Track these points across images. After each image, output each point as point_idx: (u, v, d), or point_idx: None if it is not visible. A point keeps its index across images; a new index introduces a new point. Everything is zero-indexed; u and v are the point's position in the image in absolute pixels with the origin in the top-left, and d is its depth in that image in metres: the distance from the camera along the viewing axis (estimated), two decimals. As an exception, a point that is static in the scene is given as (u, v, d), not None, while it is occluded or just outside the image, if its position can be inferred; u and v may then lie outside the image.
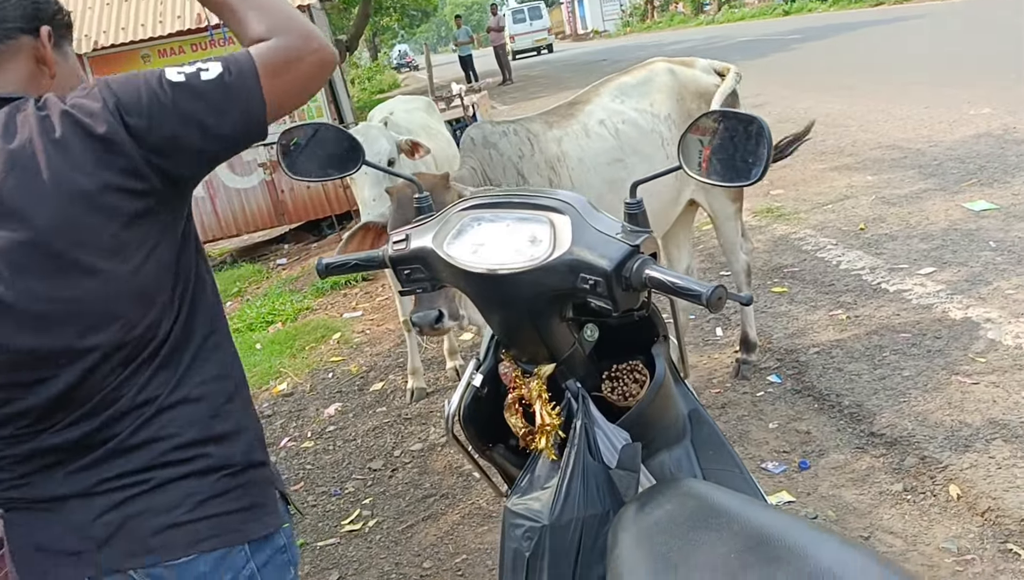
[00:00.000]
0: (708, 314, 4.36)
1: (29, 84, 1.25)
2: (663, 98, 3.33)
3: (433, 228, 1.62)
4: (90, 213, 1.14)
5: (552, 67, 23.62)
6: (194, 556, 1.26)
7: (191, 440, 1.26)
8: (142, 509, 1.24)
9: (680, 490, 1.40)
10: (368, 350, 4.94)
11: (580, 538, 1.44)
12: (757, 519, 1.27)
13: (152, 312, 1.22)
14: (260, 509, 1.34)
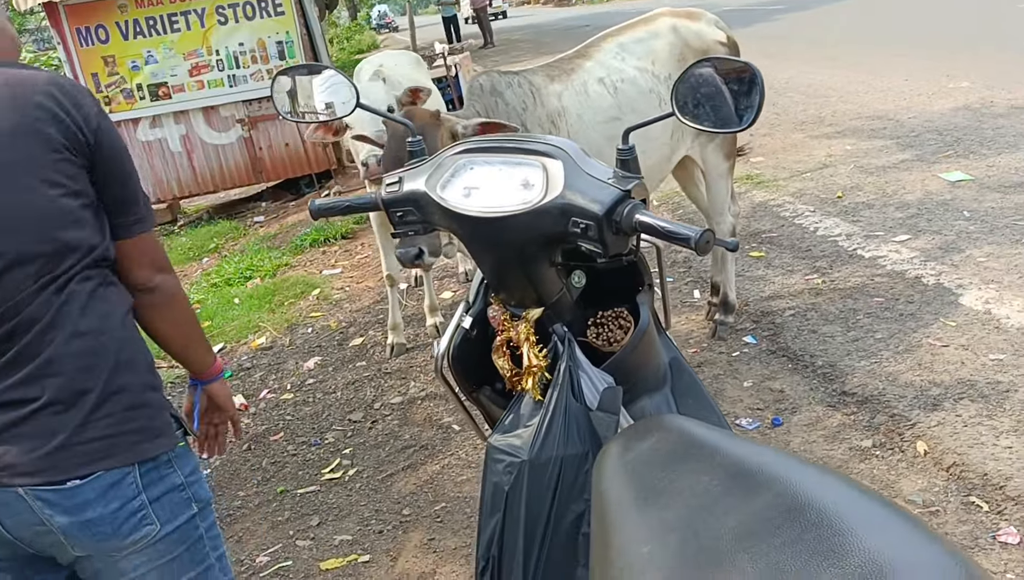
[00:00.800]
0: (687, 277, 4.42)
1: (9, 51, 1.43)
2: (664, 57, 3.34)
3: (426, 171, 1.64)
4: None
5: (534, 31, 23.46)
6: (80, 481, 1.31)
7: (83, 365, 1.33)
8: (29, 430, 1.28)
9: (662, 425, 1.44)
10: (347, 306, 4.95)
11: (559, 476, 1.48)
12: (739, 450, 1.31)
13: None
14: (153, 433, 1.39)
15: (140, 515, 1.36)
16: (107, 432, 1.33)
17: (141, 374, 1.40)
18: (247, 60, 8.52)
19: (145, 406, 1.39)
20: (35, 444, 1.28)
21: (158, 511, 1.38)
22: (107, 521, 1.34)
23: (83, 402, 1.31)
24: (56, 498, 1.30)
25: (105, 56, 8.27)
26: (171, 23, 8.35)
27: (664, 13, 3.52)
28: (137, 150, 8.36)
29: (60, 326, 1.31)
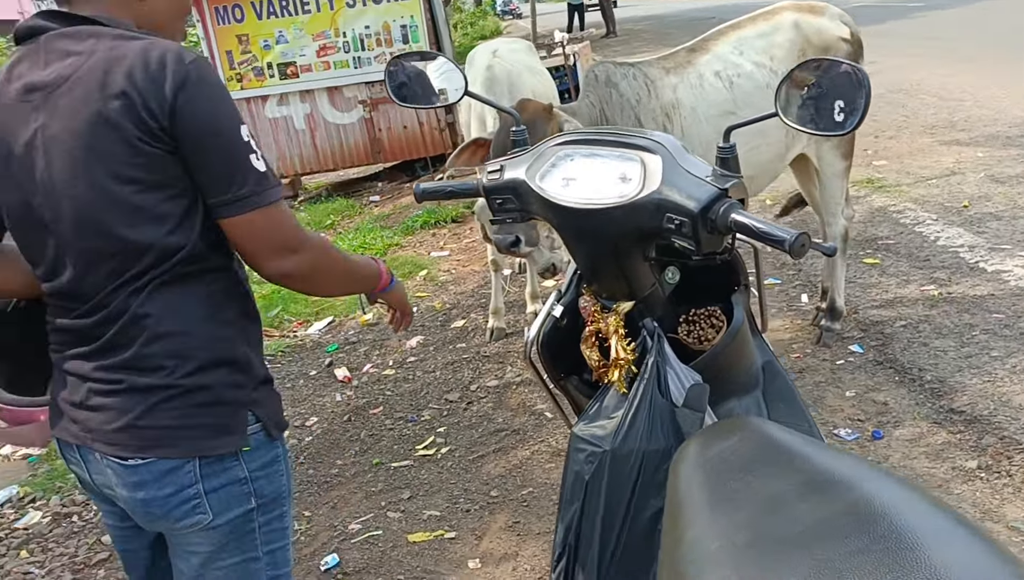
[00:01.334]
0: (795, 279, 4.31)
1: (114, 8, 1.36)
2: (783, 54, 3.28)
3: (527, 160, 1.67)
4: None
5: (659, 22, 23.13)
6: (140, 462, 1.36)
7: (185, 350, 1.36)
8: (109, 405, 1.36)
9: (744, 426, 1.44)
10: (452, 289, 5.05)
11: (640, 469, 1.48)
12: (818, 457, 1.30)
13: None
14: (218, 430, 1.39)
15: (193, 503, 1.38)
16: (170, 423, 1.35)
17: (223, 374, 1.38)
18: (372, 43, 8.74)
19: (219, 404, 1.38)
20: (110, 418, 1.35)
21: (212, 502, 1.39)
22: (159, 503, 1.37)
23: (156, 393, 1.34)
24: (120, 470, 1.37)
25: (239, 35, 8.62)
26: (302, 5, 8.64)
27: (787, 7, 3.44)
28: (264, 126, 8.72)
29: (141, 326, 1.33)
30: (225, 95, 1.32)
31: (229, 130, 1.30)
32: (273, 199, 1.33)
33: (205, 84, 1.28)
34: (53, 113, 1.28)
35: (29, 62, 1.33)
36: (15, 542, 3.09)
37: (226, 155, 1.29)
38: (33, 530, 3.15)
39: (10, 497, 3.41)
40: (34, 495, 3.39)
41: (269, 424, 1.45)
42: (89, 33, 1.31)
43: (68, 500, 3.31)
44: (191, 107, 1.26)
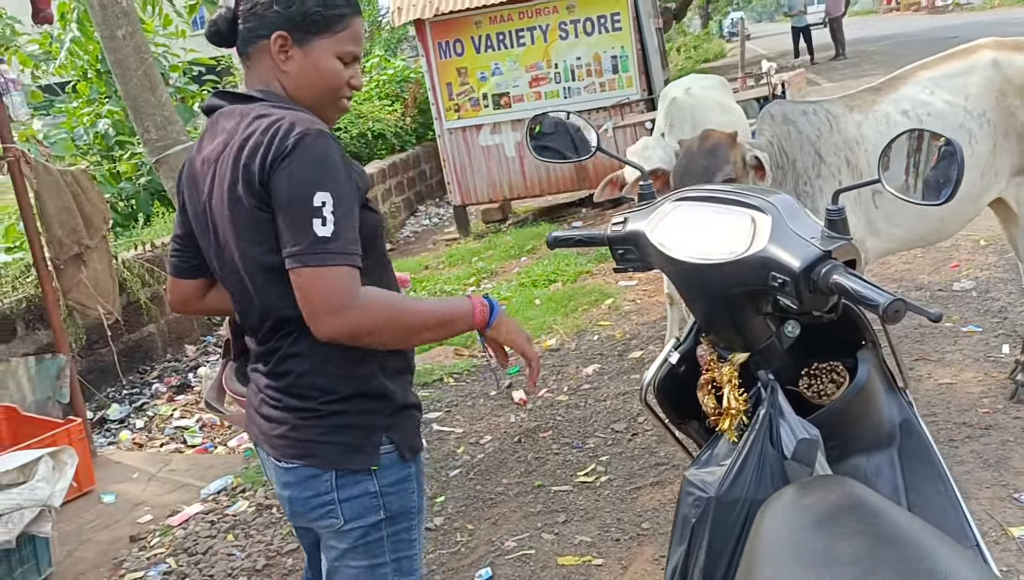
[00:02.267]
0: (999, 329, 4.02)
1: (269, 78, 1.62)
2: (980, 92, 3.13)
3: (648, 213, 1.77)
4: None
5: (893, 42, 21.85)
6: (289, 466, 1.61)
7: (322, 383, 1.59)
8: (273, 416, 1.63)
9: (833, 485, 1.45)
10: (635, 319, 5.14)
11: (746, 519, 1.50)
12: (902, 526, 1.31)
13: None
14: (352, 449, 1.59)
15: (327, 508, 1.59)
16: (313, 437, 1.58)
17: (359, 403, 1.59)
18: (582, 73, 9.00)
19: (354, 427, 1.59)
20: (273, 426, 1.62)
21: (345, 509, 1.59)
22: (300, 503, 1.61)
23: (304, 413, 1.59)
24: (277, 470, 1.64)
25: (459, 67, 9.15)
26: (518, 38, 9.04)
27: (986, 45, 3.27)
28: (477, 153, 9.20)
29: (292, 363, 1.59)
30: (320, 164, 1.45)
31: (304, 195, 1.42)
32: (324, 263, 1.42)
33: (299, 155, 1.44)
34: (213, 184, 1.57)
35: (208, 135, 1.63)
36: (224, 526, 3.53)
37: (294, 215, 1.43)
38: (240, 517, 3.58)
39: (225, 486, 3.88)
40: (244, 486, 3.84)
41: (402, 447, 1.64)
42: (241, 111, 1.57)
43: (271, 493, 3.72)
44: (280, 174, 1.44)
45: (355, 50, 1.65)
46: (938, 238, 3.53)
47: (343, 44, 1.62)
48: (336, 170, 1.47)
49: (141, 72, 4.21)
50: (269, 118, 1.50)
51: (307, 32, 1.58)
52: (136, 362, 5.72)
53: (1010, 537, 2.57)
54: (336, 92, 1.65)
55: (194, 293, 1.81)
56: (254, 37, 1.60)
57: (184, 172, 1.70)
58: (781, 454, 1.58)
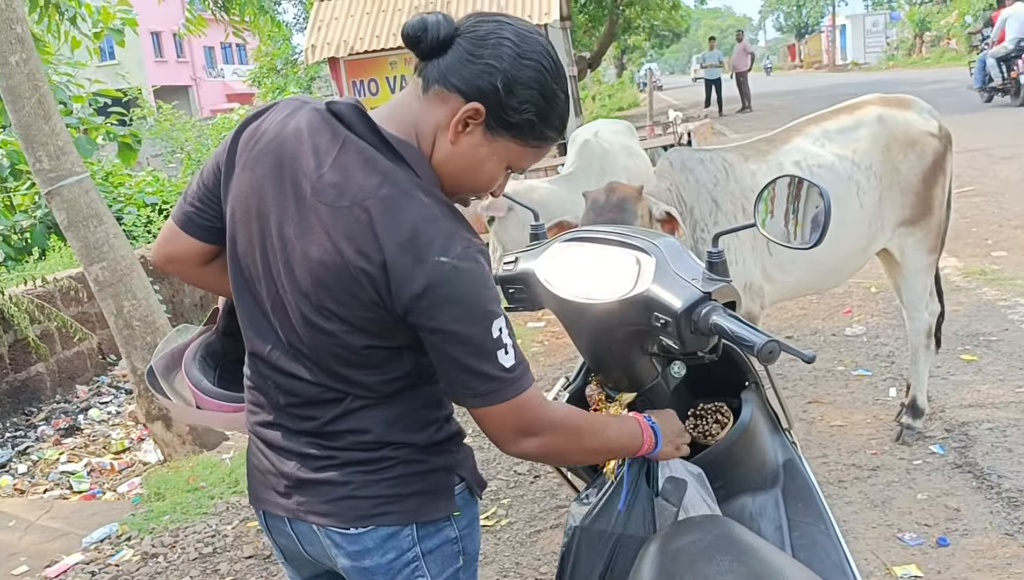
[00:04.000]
0: (887, 373, 4.17)
1: (426, 128, 1.33)
2: (867, 147, 3.27)
3: (539, 253, 1.78)
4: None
5: (797, 98, 22.82)
6: (361, 530, 1.39)
7: (375, 439, 1.39)
8: (324, 479, 1.40)
9: (710, 525, 1.47)
10: (542, 360, 5.15)
11: (612, 553, 1.52)
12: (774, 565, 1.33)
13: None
14: (431, 496, 1.42)
15: (413, 566, 1.41)
16: (385, 491, 1.39)
17: (432, 443, 1.42)
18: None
19: (431, 472, 1.41)
20: (327, 489, 1.40)
21: (430, 564, 1.42)
22: (383, 571, 1.41)
23: (369, 466, 1.39)
24: (341, 540, 1.40)
25: (374, 107, 9.12)
26: (433, 80, 9.11)
27: (872, 101, 3.43)
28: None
29: (352, 422, 1.40)
30: (478, 289, 1.27)
31: (483, 329, 1.26)
32: (520, 392, 1.30)
33: (463, 280, 1.25)
34: (304, 220, 1.30)
35: (328, 148, 1.31)
36: (106, 577, 3.35)
37: (475, 353, 1.27)
38: (123, 567, 3.41)
39: (110, 534, 3.70)
40: (130, 534, 3.67)
41: (472, 482, 1.49)
42: (384, 169, 1.29)
43: (158, 541, 3.56)
44: (442, 301, 1.25)
45: (525, 167, 1.43)
46: (829, 285, 3.66)
47: (524, 157, 1.38)
48: (493, 285, 1.31)
49: (35, 100, 4.06)
50: (422, 212, 1.26)
51: (504, 128, 1.32)
52: (22, 403, 5.45)
53: (893, 576, 2.63)
54: (475, 192, 1.42)
55: (195, 256, 1.51)
56: (451, 84, 1.29)
57: (245, 141, 1.40)
58: (655, 491, 1.59)
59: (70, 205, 4.14)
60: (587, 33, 23.09)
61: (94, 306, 5.62)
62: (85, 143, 7.60)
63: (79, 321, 5.75)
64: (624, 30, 26.59)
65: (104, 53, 7.12)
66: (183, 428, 4.36)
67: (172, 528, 3.63)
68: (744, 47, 21.94)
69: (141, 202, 8.47)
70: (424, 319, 1.26)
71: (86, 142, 7.73)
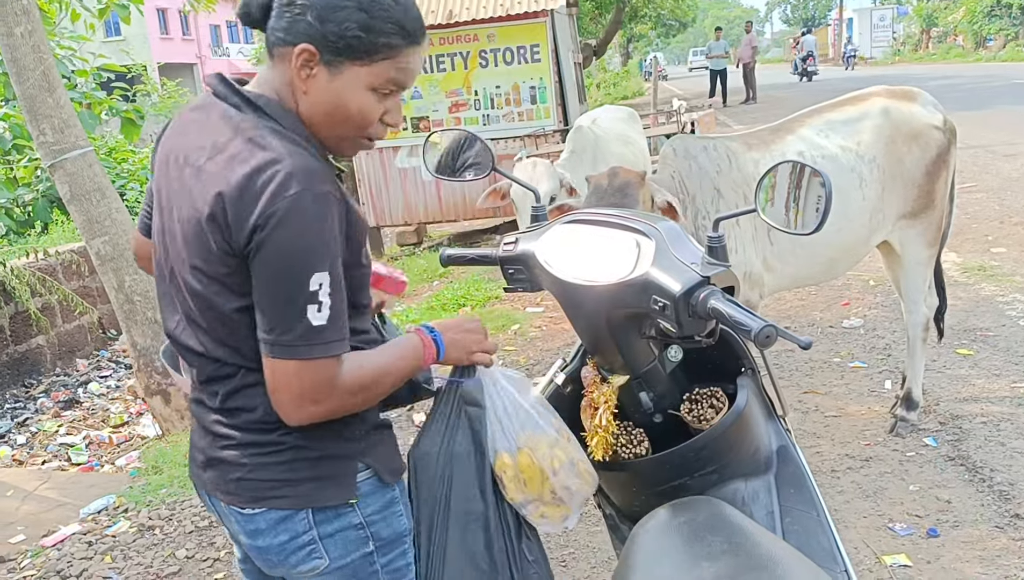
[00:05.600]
0: (883, 365, 4.19)
1: (285, 90, 1.36)
2: (871, 140, 3.27)
3: (539, 235, 1.79)
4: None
5: (802, 91, 22.78)
6: (256, 511, 1.40)
7: (263, 419, 1.38)
8: (225, 458, 1.42)
9: (703, 506, 1.49)
10: (540, 345, 5.17)
11: (448, 470, 1.53)
12: (765, 546, 1.35)
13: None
14: (325, 482, 1.40)
15: (309, 549, 1.40)
16: (278, 476, 1.38)
17: (327, 429, 1.38)
18: (501, 101, 9.08)
19: (326, 458, 1.40)
20: (227, 469, 1.41)
21: (329, 546, 1.41)
22: (275, 551, 1.41)
23: (262, 448, 1.38)
24: (239, 519, 1.42)
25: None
26: (438, 63, 9.07)
27: (878, 92, 3.42)
28: (393, 175, 9.16)
29: (243, 398, 1.40)
30: (318, 237, 1.27)
31: (298, 276, 1.25)
32: (317, 355, 1.28)
33: (295, 223, 1.24)
34: (181, 191, 1.35)
35: (198, 123, 1.38)
36: (102, 547, 3.38)
37: (284, 297, 1.26)
38: (120, 538, 3.44)
39: (107, 505, 3.73)
40: (127, 505, 3.69)
41: (381, 471, 1.45)
42: (238, 123, 1.32)
43: (155, 514, 3.58)
44: (267, 242, 1.25)
45: (399, 80, 1.36)
46: (829, 276, 3.67)
47: (381, 75, 1.34)
48: (334, 242, 1.29)
49: (39, 72, 4.06)
50: (264, 155, 1.27)
51: (339, 55, 1.31)
52: (22, 375, 5.47)
53: (883, 565, 2.66)
54: (360, 129, 1.39)
55: (151, 253, 1.55)
56: (280, 39, 1.33)
57: (160, 143, 1.47)
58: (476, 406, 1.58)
59: (73, 178, 4.15)
60: (593, 20, 23.00)
61: (95, 280, 5.64)
62: (88, 117, 7.58)
63: (80, 295, 5.77)
64: (631, 18, 26.49)
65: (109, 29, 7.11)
66: (182, 403, 4.38)
67: (169, 501, 3.66)
68: (750, 39, 21.86)
69: (144, 178, 8.48)
70: (253, 258, 1.27)
71: (89, 117, 7.71)
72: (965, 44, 34.74)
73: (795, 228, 1.48)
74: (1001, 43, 31.46)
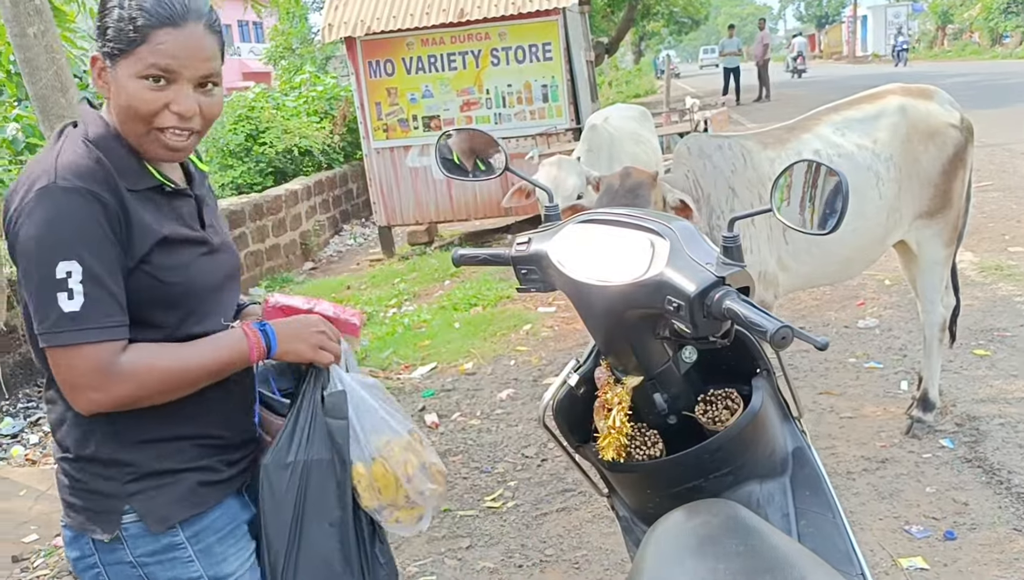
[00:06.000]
0: (899, 366, 4.15)
1: (110, 105, 1.43)
2: (888, 138, 3.23)
3: (552, 234, 1.77)
4: None
5: (815, 88, 22.66)
6: (63, 523, 1.49)
7: (60, 438, 1.46)
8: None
9: (718, 508, 1.47)
10: (552, 345, 5.15)
11: (304, 481, 1.52)
12: (781, 549, 1.33)
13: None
14: (93, 515, 1.43)
15: (95, 571, 1.45)
16: (66, 498, 1.47)
17: (92, 468, 1.43)
18: (513, 100, 9.06)
19: (91, 492, 1.43)
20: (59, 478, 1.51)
21: (111, 574, 1.44)
22: (74, 564, 1.49)
23: (62, 465, 1.47)
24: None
25: (389, 88, 9.12)
26: (449, 62, 9.07)
27: (894, 91, 3.39)
28: (405, 174, 9.16)
29: (50, 410, 1.49)
30: (64, 227, 1.30)
31: (44, 265, 1.29)
32: (71, 342, 1.30)
33: (38, 215, 1.30)
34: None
35: None
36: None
37: (37, 287, 1.31)
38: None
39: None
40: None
41: (148, 519, 1.43)
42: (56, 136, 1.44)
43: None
44: (20, 236, 1.32)
45: (161, 64, 1.35)
46: (845, 276, 3.64)
47: (142, 60, 1.35)
48: (86, 233, 1.31)
49: (52, 72, 4.07)
50: (41, 160, 1.36)
51: (112, 55, 1.36)
52: (34, 374, 5.48)
53: (899, 568, 2.63)
54: (145, 122, 1.38)
55: None
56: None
57: None
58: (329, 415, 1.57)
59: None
60: (605, 18, 22.94)
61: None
62: (101, 117, 7.59)
63: (93, 294, 5.77)
64: (643, 16, 26.40)
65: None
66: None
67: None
68: (763, 36, 21.76)
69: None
70: (13, 254, 1.34)
71: (102, 116, 7.72)
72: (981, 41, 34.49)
73: (811, 228, 1.45)
74: (1018, 40, 31.21)
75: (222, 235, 1.59)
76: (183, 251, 1.45)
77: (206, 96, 1.42)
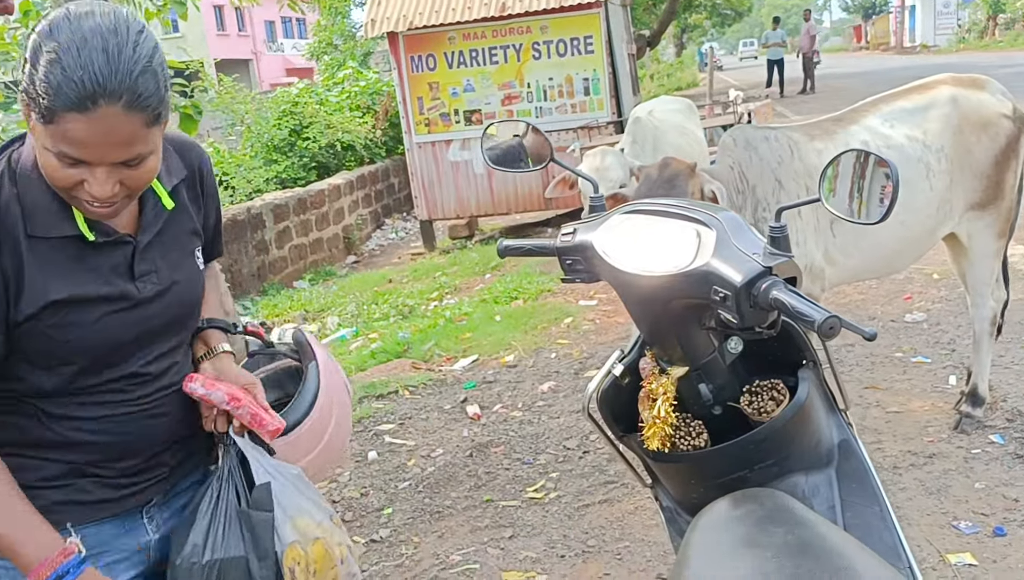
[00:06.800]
0: (947, 360, 4.09)
1: None
2: (939, 129, 3.18)
3: (597, 225, 1.77)
4: None
5: (861, 80, 22.29)
6: None
7: None
8: None
9: (764, 497, 1.47)
10: (593, 338, 5.15)
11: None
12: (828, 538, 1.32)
13: None
14: None
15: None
16: None
17: None
18: (554, 93, 9.06)
19: None
20: None
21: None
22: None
23: None
24: None
25: (431, 82, 9.17)
26: (491, 56, 9.09)
27: (945, 81, 3.33)
28: (446, 168, 9.21)
29: None
30: None
31: None
32: None
33: None
34: None
35: None
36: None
37: None
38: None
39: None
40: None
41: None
42: None
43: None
44: None
45: (67, 152, 1.19)
46: (892, 270, 3.59)
47: (52, 137, 1.19)
48: None
49: None
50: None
51: (28, 108, 1.21)
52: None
53: (947, 563, 2.59)
54: (61, 190, 1.27)
55: None
56: None
57: None
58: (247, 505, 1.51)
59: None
60: (647, 11, 22.77)
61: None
62: (150, 113, 7.73)
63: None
64: (685, 8, 26.18)
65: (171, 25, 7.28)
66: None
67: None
68: (809, 28, 21.46)
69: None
70: None
71: (151, 112, 7.86)
72: (1033, 30, 33.64)
73: (859, 217, 1.44)
74: (1072, 28, 30.37)
75: (167, 278, 1.44)
76: (86, 310, 1.33)
77: (131, 169, 1.25)
